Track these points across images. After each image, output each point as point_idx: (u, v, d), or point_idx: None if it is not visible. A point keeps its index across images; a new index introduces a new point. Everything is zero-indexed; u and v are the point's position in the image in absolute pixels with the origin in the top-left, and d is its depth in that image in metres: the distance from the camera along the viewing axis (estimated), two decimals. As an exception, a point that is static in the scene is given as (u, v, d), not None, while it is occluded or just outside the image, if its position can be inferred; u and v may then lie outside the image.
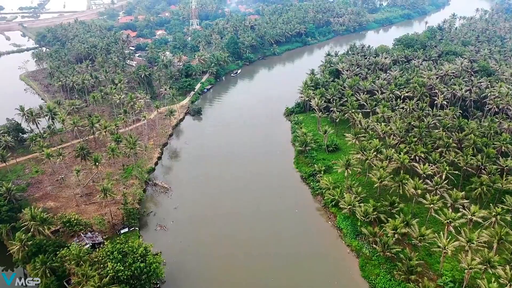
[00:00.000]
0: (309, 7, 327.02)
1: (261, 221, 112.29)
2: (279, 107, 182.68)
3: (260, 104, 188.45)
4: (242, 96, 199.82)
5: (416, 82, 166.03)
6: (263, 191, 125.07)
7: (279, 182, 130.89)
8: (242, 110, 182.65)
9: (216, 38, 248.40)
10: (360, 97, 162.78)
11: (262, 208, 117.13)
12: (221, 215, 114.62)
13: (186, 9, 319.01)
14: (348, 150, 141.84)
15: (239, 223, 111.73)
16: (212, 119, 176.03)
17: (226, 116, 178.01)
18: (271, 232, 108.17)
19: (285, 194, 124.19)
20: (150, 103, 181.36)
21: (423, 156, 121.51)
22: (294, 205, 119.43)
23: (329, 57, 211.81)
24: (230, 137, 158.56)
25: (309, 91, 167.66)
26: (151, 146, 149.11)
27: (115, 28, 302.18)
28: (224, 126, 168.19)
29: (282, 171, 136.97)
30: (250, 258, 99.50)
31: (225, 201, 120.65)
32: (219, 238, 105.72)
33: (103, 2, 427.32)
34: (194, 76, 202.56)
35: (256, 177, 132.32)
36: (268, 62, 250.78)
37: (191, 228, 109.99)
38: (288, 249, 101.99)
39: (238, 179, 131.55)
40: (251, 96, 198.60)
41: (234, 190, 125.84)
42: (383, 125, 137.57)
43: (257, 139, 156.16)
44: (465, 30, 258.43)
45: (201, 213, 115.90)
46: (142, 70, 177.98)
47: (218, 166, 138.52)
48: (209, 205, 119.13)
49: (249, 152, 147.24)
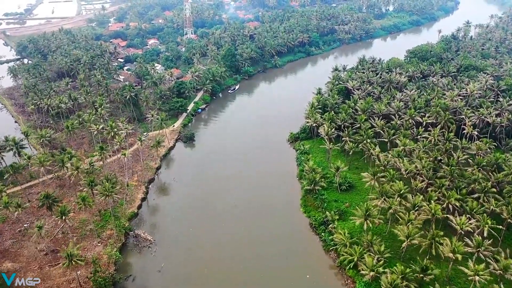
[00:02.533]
0: (312, 13, 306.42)
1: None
2: (281, 130, 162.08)
3: (261, 126, 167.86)
4: (240, 116, 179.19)
5: (438, 105, 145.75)
6: (266, 247, 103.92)
7: (284, 231, 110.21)
8: (240, 134, 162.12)
9: (212, 50, 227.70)
10: (375, 123, 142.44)
11: (266, 273, 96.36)
12: (214, 280, 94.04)
13: (181, 15, 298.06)
14: (363, 187, 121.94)
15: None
16: (206, 146, 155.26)
17: (222, 142, 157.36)
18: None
19: (293, 250, 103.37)
20: (136, 128, 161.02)
21: (458, 205, 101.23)
22: (304, 266, 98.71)
23: (337, 73, 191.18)
24: (226, 169, 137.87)
25: (316, 116, 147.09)
26: (134, 184, 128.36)
27: (104, 37, 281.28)
28: (220, 155, 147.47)
29: (287, 216, 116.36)
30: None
31: (220, 261, 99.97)
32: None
33: (94, 7, 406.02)
34: (188, 93, 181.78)
35: (258, 228, 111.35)
36: (269, 75, 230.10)
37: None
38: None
39: (236, 229, 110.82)
40: (251, 116, 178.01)
41: (231, 245, 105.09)
42: (406, 161, 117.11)
43: (258, 173, 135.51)
44: (482, 40, 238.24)
45: (192, 276, 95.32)
46: (127, 91, 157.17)
47: (210, 212, 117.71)
48: (200, 265, 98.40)
49: (248, 191, 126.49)
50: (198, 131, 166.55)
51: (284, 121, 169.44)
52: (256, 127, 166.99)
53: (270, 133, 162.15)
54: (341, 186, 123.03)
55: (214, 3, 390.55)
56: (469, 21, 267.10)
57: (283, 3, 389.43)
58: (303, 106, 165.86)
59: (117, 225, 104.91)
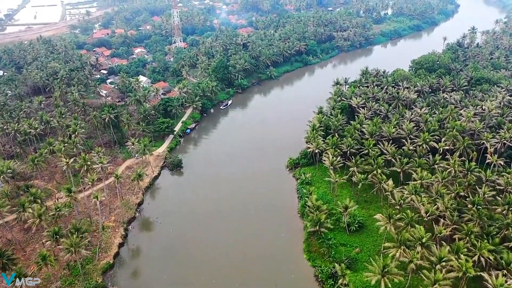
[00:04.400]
0: (308, 19, 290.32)
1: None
2: (279, 153, 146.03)
3: (256, 148, 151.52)
4: (233, 137, 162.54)
5: (454, 127, 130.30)
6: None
7: (286, 284, 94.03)
8: (233, 159, 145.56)
9: (203, 60, 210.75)
10: (385, 148, 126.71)
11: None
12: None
13: (170, 21, 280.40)
14: (375, 226, 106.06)
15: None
16: (195, 175, 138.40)
17: (213, 168, 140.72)
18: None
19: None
20: (117, 153, 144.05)
21: (492, 258, 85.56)
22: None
23: (338, 87, 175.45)
24: (217, 204, 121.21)
25: (318, 141, 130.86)
26: (111, 225, 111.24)
27: (87, 45, 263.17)
28: (210, 185, 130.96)
29: (289, 265, 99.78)
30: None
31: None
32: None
33: (79, 12, 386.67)
34: (175, 112, 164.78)
35: (255, 279, 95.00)
36: (264, 88, 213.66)
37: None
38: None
39: (229, 282, 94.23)
40: (245, 136, 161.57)
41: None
42: (425, 199, 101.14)
43: (254, 208, 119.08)
44: (490, 48, 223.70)
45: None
46: (106, 113, 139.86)
47: (198, 261, 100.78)
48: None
49: (243, 233, 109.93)
50: (186, 156, 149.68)
51: (282, 143, 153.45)
52: (251, 150, 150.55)
53: (266, 157, 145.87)
54: (350, 226, 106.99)
55: (205, 7, 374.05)
56: (474, 27, 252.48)
57: (278, 7, 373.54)
58: (302, 125, 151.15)
59: (86, 286, 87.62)
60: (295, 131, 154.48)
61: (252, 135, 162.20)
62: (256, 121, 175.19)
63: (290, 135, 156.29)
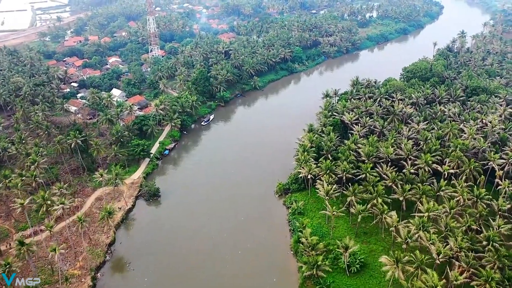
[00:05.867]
0: (292, 24, 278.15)
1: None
2: (267, 176, 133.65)
3: (241, 170, 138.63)
4: (216, 156, 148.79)
5: (457, 146, 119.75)
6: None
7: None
8: (216, 183, 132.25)
9: (182, 71, 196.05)
10: (384, 172, 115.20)
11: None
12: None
13: (146, 28, 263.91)
14: (377, 264, 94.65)
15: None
16: (174, 204, 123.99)
17: (194, 195, 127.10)
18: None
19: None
20: (86, 180, 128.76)
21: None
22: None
23: (328, 100, 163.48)
24: (198, 241, 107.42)
25: (311, 165, 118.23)
26: (77, 274, 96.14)
27: (57, 54, 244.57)
28: (191, 216, 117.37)
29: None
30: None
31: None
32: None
33: (51, 17, 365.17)
34: (151, 131, 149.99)
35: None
36: (248, 99, 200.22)
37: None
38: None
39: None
40: (229, 156, 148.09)
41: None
42: (434, 237, 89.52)
43: (240, 246, 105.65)
44: (481, 53, 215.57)
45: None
46: (72, 138, 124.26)
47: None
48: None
49: (229, 274, 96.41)
50: (165, 181, 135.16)
51: (270, 162, 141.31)
52: (236, 173, 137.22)
53: (253, 180, 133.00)
54: (351, 267, 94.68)
55: (184, 11, 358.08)
56: (464, 31, 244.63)
57: (260, 10, 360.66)
58: (290, 140, 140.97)
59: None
60: (284, 149, 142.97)
61: (237, 153, 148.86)
62: (241, 137, 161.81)
63: (278, 153, 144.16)
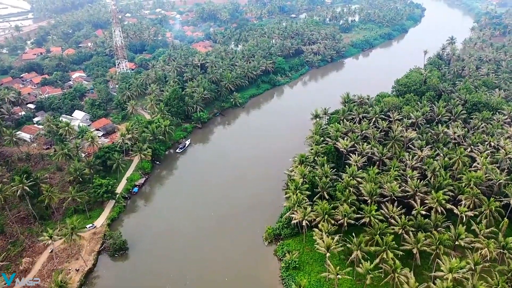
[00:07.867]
0: (273, 31, 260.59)
1: None
2: (253, 216, 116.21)
3: (224, 210, 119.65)
4: (193, 190, 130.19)
5: (471, 180, 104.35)
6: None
7: None
8: (193, 227, 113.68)
9: (153, 90, 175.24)
10: (391, 215, 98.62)
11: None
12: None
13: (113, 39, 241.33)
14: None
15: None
16: (145, 259, 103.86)
17: (168, 244, 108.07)
18: None
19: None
20: (38, 231, 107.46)
21: None
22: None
23: (318, 121, 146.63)
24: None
25: (306, 209, 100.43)
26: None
27: (13, 70, 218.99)
28: (162, 276, 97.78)
29: None
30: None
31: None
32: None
33: (10, 26, 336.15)
34: (117, 166, 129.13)
35: None
36: (227, 119, 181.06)
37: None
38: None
39: None
40: (208, 189, 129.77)
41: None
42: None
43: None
44: (475, 62, 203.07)
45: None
46: (17, 183, 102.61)
47: None
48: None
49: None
50: (133, 226, 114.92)
51: (256, 195, 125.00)
52: (216, 216, 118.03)
53: (238, 224, 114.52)
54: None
55: (156, 17, 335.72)
56: (453, 37, 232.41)
57: (237, 15, 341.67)
58: (278, 167, 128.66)
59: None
60: (271, 180, 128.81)
61: (218, 186, 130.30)
62: (221, 165, 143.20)
63: (266, 185, 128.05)
